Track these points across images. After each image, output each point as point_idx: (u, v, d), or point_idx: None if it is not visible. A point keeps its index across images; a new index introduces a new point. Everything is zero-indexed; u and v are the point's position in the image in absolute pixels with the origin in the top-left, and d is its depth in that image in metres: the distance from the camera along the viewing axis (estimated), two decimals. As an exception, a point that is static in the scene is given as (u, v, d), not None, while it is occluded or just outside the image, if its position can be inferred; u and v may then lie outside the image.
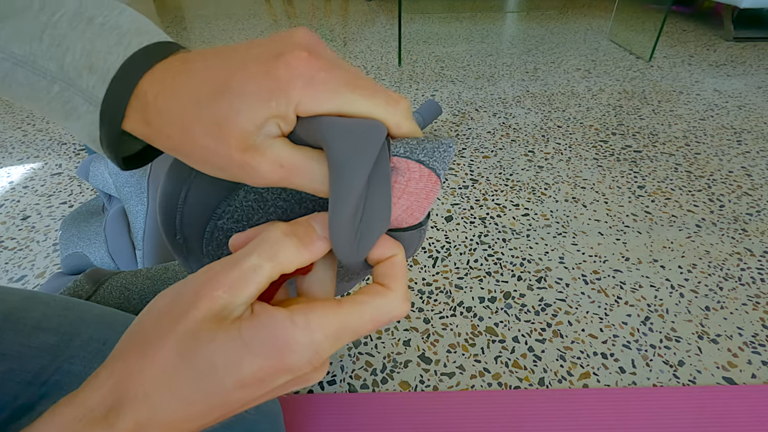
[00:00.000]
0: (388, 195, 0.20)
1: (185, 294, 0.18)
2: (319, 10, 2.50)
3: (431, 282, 0.66)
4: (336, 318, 0.18)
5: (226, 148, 0.19)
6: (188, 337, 0.17)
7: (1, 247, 0.74)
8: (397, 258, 0.21)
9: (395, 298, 0.19)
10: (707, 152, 0.99)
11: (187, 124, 0.19)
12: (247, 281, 0.17)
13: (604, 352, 0.55)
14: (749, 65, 1.50)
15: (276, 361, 0.17)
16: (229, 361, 0.16)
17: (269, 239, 0.18)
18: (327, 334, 0.18)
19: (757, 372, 0.53)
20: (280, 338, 0.17)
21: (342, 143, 0.19)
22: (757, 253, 0.70)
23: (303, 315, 0.17)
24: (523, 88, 1.35)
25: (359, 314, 0.19)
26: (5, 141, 1.09)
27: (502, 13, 2.36)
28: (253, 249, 0.18)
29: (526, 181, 0.90)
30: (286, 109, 0.19)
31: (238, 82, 0.19)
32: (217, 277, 0.18)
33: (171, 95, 0.20)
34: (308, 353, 0.17)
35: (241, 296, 0.17)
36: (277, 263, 0.18)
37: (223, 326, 0.17)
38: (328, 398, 0.50)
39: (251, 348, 0.17)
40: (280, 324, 0.17)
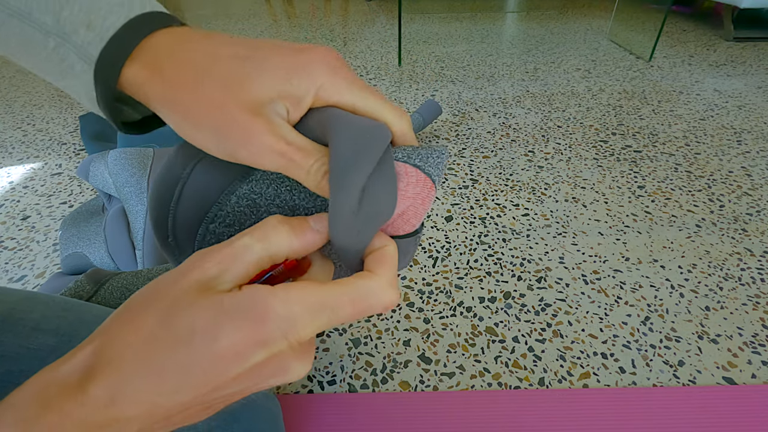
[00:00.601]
0: (394, 193, 0.20)
1: (176, 270, 0.18)
2: (319, 10, 2.50)
3: (431, 282, 0.66)
4: (316, 293, 0.18)
5: (235, 104, 0.19)
6: (171, 303, 0.17)
7: (1, 247, 0.74)
8: (387, 248, 0.21)
9: (378, 282, 0.19)
10: (707, 152, 0.99)
11: (200, 73, 0.19)
12: (237, 257, 0.18)
13: (604, 352, 0.55)
14: (749, 65, 1.50)
15: (252, 331, 0.17)
16: (206, 327, 0.16)
17: (263, 225, 0.19)
18: (305, 307, 0.18)
19: (757, 372, 0.53)
20: (258, 307, 0.17)
21: (349, 135, 0.19)
22: (757, 253, 0.70)
23: (283, 289, 0.18)
24: (523, 88, 1.35)
25: (339, 293, 0.18)
26: (5, 141, 1.09)
27: (502, 13, 2.36)
28: (248, 232, 0.19)
29: (526, 181, 0.90)
30: (306, 89, 0.20)
31: (263, 53, 0.20)
32: (209, 253, 0.18)
33: (188, 46, 0.20)
34: (284, 324, 0.17)
35: (230, 271, 0.18)
36: (268, 245, 0.19)
37: (206, 294, 0.17)
38: (328, 398, 0.50)
39: (229, 315, 0.17)
40: (260, 295, 0.17)
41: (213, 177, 0.23)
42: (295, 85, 0.20)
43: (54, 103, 1.29)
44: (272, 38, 0.22)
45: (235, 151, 0.20)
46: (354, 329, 0.59)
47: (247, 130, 0.19)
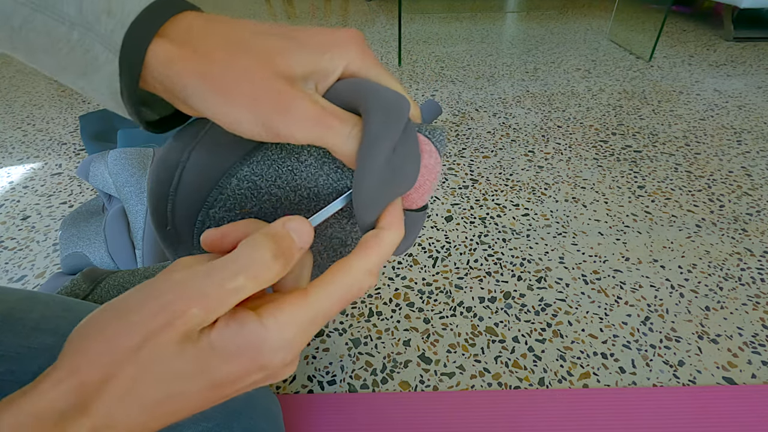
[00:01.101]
0: (418, 162, 0.21)
1: (154, 306, 0.16)
2: (319, 10, 2.50)
3: (431, 282, 0.66)
4: (305, 310, 0.18)
5: (272, 74, 0.19)
6: (156, 353, 0.16)
7: (1, 247, 0.74)
8: (386, 234, 0.21)
9: (358, 271, 0.19)
10: (707, 152, 0.99)
11: (234, 46, 0.20)
12: (227, 301, 0.17)
13: (604, 352, 0.55)
14: (749, 65, 1.50)
15: (249, 364, 0.17)
16: (199, 370, 0.16)
17: (258, 261, 0.18)
18: (299, 328, 0.18)
19: (757, 372, 0.53)
20: (252, 344, 0.17)
21: (380, 104, 0.20)
22: (757, 253, 0.70)
23: (272, 317, 0.17)
24: (523, 88, 1.35)
25: (327, 298, 0.19)
26: (5, 141, 1.09)
27: (502, 13, 2.36)
28: (240, 269, 0.17)
29: (526, 181, 0.90)
30: (337, 64, 0.21)
31: (295, 33, 0.21)
32: (193, 293, 0.17)
33: (223, 23, 0.21)
34: (282, 353, 0.17)
35: (216, 313, 0.17)
36: (260, 284, 0.18)
37: (191, 339, 0.16)
38: (328, 398, 0.50)
39: (223, 356, 0.17)
40: (251, 330, 0.17)
41: (212, 160, 0.23)
42: (327, 59, 0.21)
43: (54, 103, 1.29)
44: None
45: (270, 120, 0.20)
46: (354, 329, 0.59)
47: (284, 97, 0.19)
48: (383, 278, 0.67)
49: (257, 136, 0.20)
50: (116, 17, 0.19)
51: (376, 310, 0.61)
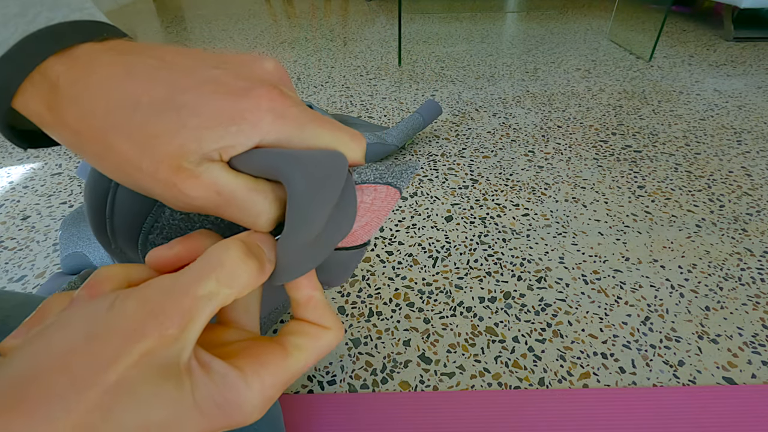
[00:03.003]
0: (353, 218, 0.20)
1: (112, 332, 0.14)
2: (319, 10, 2.50)
3: (431, 282, 0.66)
4: (287, 372, 0.17)
5: (154, 163, 0.16)
6: (121, 389, 0.13)
7: (1, 247, 0.74)
8: (318, 298, 0.19)
9: (334, 336, 0.19)
10: (707, 152, 0.99)
11: (111, 125, 0.16)
12: (200, 313, 0.15)
13: (604, 352, 0.55)
14: (749, 65, 1.50)
15: (223, 422, 0.16)
16: (172, 422, 0.14)
17: (227, 261, 0.15)
18: (277, 387, 0.17)
19: (757, 372, 0.53)
20: (233, 401, 0.15)
21: (308, 175, 0.17)
22: (757, 253, 0.70)
23: (257, 377, 0.16)
24: (523, 88, 1.35)
25: (305, 361, 0.18)
26: (5, 141, 1.09)
27: (502, 13, 2.36)
28: (208, 272, 0.15)
29: (526, 181, 0.90)
30: (245, 141, 0.17)
31: (194, 97, 0.16)
32: (161, 310, 0.14)
33: (96, 86, 0.16)
34: (258, 411, 0.16)
35: (191, 332, 0.14)
36: (234, 289, 0.15)
37: (170, 376, 0.14)
38: (328, 398, 0.50)
39: (201, 408, 0.15)
40: (234, 386, 0.15)
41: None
42: (233, 135, 0.16)
43: (54, 103, 1.29)
44: (225, 55, 0.19)
45: (159, 198, 0.17)
46: (354, 329, 0.59)
47: (169, 187, 0.16)
48: (383, 278, 0.67)
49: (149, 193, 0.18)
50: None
51: (376, 310, 0.61)
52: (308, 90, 1.37)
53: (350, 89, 1.37)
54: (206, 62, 0.18)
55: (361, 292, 0.64)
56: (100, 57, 0.17)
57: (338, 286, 0.65)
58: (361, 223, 0.21)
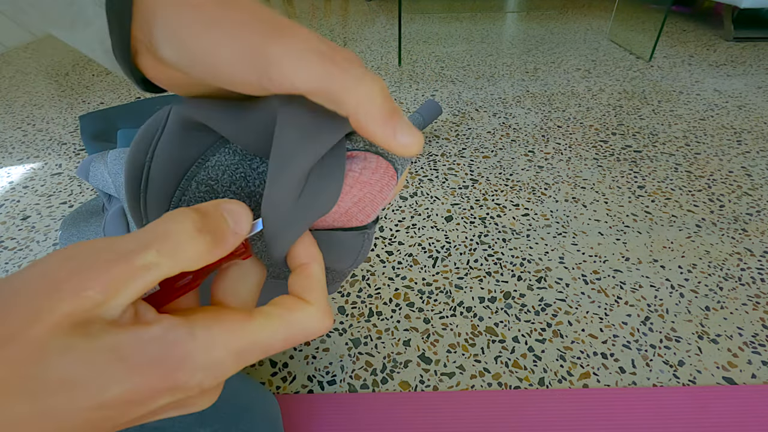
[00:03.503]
0: (338, 188, 0.19)
1: (37, 286, 0.13)
2: (319, 10, 2.50)
3: (431, 282, 0.66)
4: (244, 334, 0.15)
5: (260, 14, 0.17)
6: (34, 347, 0.12)
7: (1, 247, 0.74)
8: (312, 268, 0.18)
9: (313, 314, 0.17)
10: (707, 152, 0.99)
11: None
12: (133, 281, 0.13)
13: (604, 352, 0.55)
14: (749, 65, 1.50)
15: (160, 381, 0.13)
16: (92, 378, 0.12)
17: (175, 233, 0.14)
18: (231, 351, 0.15)
19: (757, 372, 0.53)
20: (172, 355, 0.14)
21: (299, 122, 0.18)
22: (757, 253, 0.70)
23: (205, 329, 0.15)
24: (523, 88, 1.35)
25: (272, 331, 0.16)
26: (5, 141, 1.09)
27: (502, 13, 2.36)
28: (152, 241, 0.14)
29: (526, 181, 0.90)
30: None
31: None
32: (91, 270, 0.13)
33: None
34: (202, 374, 0.14)
35: (121, 295, 0.13)
36: (179, 263, 0.14)
37: (88, 332, 0.13)
38: (328, 398, 0.50)
39: (131, 363, 0.13)
40: (175, 336, 0.14)
41: (171, 161, 0.23)
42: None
43: (54, 103, 1.29)
44: None
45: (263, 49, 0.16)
46: (354, 329, 0.59)
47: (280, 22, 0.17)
48: (383, 278, 0.67)
49: (239, 80, 0.17)
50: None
51: (376, 310, 0.61)
52: (308, 90, 1.37)
53: (350, 89, 1.36)
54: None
55: (361, 292, 0.64)
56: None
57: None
58: (353, 197, 0.21)
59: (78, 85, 1.41)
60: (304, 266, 0.18)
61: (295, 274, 0.18)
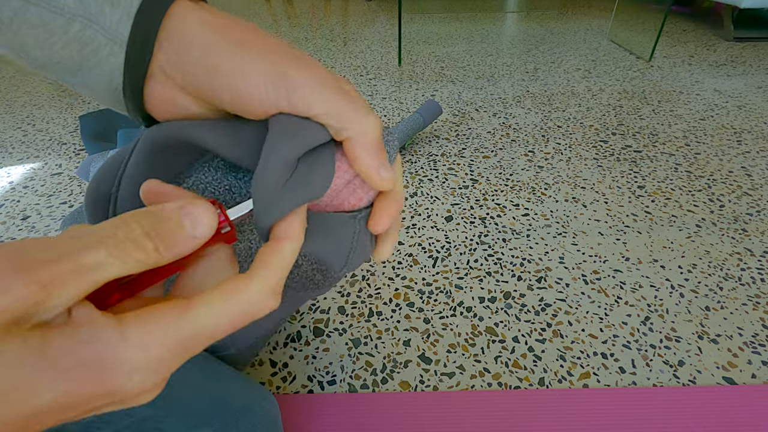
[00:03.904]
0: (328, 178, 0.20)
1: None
2: (319, 10, 2.50)
3: (431, 282, 0.66)
4: (184, 325, 0.15)
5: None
6: None
7: (1, 247, 0.74)
8: (283, 244, 0.18)
9: (257, 292, 0.16)
10: (707, 152, 0.99)
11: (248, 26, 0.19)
12: (79, 281, 0.13)
13: (604, 352, 0.55)
14: (749, 65, 1.50)
15: (93, 387, 0.13)
16: (22, 384, 0.12)
17: (126, 236, 0.14)
18: (171, 347, 0.14)
19: (757, 372, 0.53)
20: (102, 359, 0.13)
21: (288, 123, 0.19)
22: (757, 253, 0.70)
23: (138, 327, 0.14)
24: (523, 88, 1.35)
25: (216, 317, 0.15)
26: (5, 141, 1.09)
27: (502, 13, 2.36)
28: (101, 240, 0.13)
29: (526, 181, 0.90)
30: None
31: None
32: (37, 264, 0.12)
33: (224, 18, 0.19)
34: (140, 375, 0.14)
35: (62, 295, 0.12)
36: (127, 266, 0.14)
37: (16, 333, 0.12)
38: (328, 398, 0.50)
39: (59, 367, 0.12)
40: (105, 339, 0.13)
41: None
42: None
43: (54, 103, 1.29)
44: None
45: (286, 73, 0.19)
46: (354, 329, 0.59)
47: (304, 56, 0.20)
48: (383, 278, 0.67)
49: (257, 98, 0.18)
50: (120, 6, 0.18)
51: (376, 310, 0.61)
52: (308, 90, 1.37)
53: (350, 89, 1.37)
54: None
55: (361, 292, 0.64)
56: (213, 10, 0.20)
57: (338, 287, 0.65)
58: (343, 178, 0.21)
59: (78, 85, 1.41)
60: (277, 241, 0.18)
61: (264, 245, 0.18)
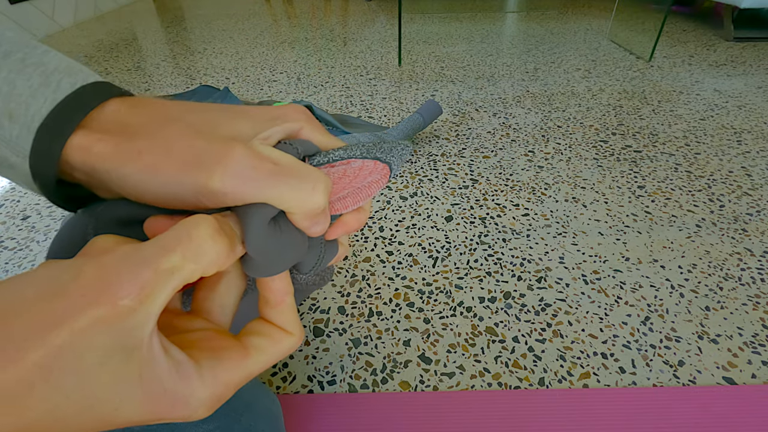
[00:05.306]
0: (302, 248, 0.20)
1: (63, 295, 0.13)
2: (319, 10, 2.50)
3: (431, 282, 0.66)
4: (242, 371, 0.17)
5: (205, 135, 0.17)
6: (66, 353, 0.12)
7: (1, 247, 0.74)
8: (288, 302, 0.20)
9: (297, 340, 0.20)
10: (707, 152, 0.99)
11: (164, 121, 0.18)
12: (162, 286, 0.14)
13: (604, 352, 0.55)
14: (749, 65, 1.50)
15: (167, 413, 0.15)
16: (113, 397, 0.13)
17: (196, 236, 0.15)
18: (230, 386, 0.17)
19: (757, 372, 0.53)
20: (181, 392, 0.15)
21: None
22: (757, 253, 0.70)
23: (212, 372, 0.16)
24: (523, 88, 1.35)
25: (264, 362, 0.18)
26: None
27: (502, 13, 2.36)
28: (175, 245, 0.14)
29: (526, 181, 0.90)
30: (286, 128, 0.20)
31: (240, 108, 0.20)
32: (120, 277, 0.13)
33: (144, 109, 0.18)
34: (204, 408, 0.16)
35: (152, 306, 0.14)
36: (201, 266, 0.15)
37: (121, 350, 0.13)
38: (328, 398, 0.50)
39: (147, 390, 0.14)
40: (187, 376, 0.15)
41: None
42: (274, 123, 0.20)
43: (54, 103, 1.29)
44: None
45: (202, 180, 0.16)
46: (354, 329, 0.59)
47: (219, 149, 0.17)
48: (383, 278, 0.67)
49: (188, 206, 0.17)
50: (19, 121, 0.17)
51: (376, 310, 0.61)
52: (308, 90, 1.37)
53: (350, 89, 1.37)
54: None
55: (361, 292, 0.64)
56: (138, 99, 0.19)
57: (338, 287, 0.65)
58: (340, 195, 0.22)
59: (78, 85, 1.41)
60: (281, 302, 0.20)
61: (270, 306, 0.20)
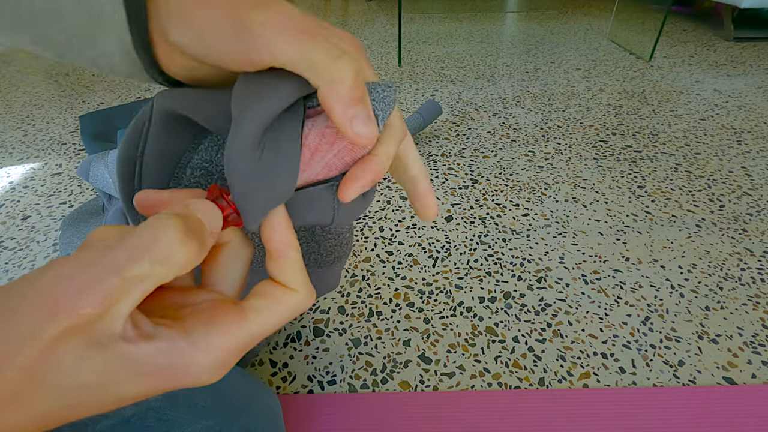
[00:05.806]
0: (295, 164, 0.19)
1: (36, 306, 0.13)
2: (319, 10, 2.50)
3: (431, 282, 0.66)
4: (240, 333, 0.17)
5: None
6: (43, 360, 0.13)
7: (1, 247, 0.74)
8: (290, 255, 0.19)
9: (301, 299, 0.19)
10: (707, 152, 0.99)
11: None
12: (129, 293, 0.14)
13: (604, 352, 0.55)
14: (749, 65, 1.50)
15: (170, 384, 0.15)
16: (106, 382, 0.14)
17: (163, 241, 0.15)
18: (231, 350, 0.16)
19: (757, 372, 0.53)
20: (177, 364, 0.15)
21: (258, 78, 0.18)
22: (757, 253, 0.70)
23: (204, 335, 0.16)
24: (523, 88, 1.35)
25: (265, 323, 0.18)
26: (5, 141, 1.09)
27: (502, 13, 2.36)
28: (141, 252, 0.14)
29: (526, 181, 0.90)
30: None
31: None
32: (84, 286, 0.13)
33: None
34: (208, 373, 0.16)
35: (120, 308, 0.14)
36: (171, 270, 0.15)
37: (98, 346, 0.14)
38: (328, 398, 0.50)
39: (142, 371, 0.15)
40: (178, 349, 0.15)
41: (163, 152, 0.22)
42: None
43: (54, 103, 1.29)
44: None
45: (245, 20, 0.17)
46: (354, 329, 0.59)
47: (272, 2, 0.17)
48: (383, 278, 0.67)
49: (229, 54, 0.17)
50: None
51: (376, 310, 0.61)
52: (308, 90, 1.37)
53: (350, 89, 1.36)
54: None
55: (361, 292, 0.64)
56: None
57: (338, 287, 0.65)
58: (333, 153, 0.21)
59: (78, 85, 1.41)
60: (281, 252, 0.19)
61: (273, 260, 0.19)
